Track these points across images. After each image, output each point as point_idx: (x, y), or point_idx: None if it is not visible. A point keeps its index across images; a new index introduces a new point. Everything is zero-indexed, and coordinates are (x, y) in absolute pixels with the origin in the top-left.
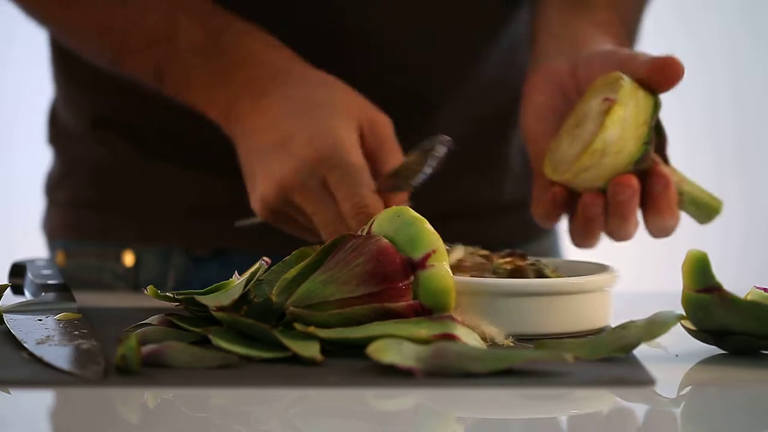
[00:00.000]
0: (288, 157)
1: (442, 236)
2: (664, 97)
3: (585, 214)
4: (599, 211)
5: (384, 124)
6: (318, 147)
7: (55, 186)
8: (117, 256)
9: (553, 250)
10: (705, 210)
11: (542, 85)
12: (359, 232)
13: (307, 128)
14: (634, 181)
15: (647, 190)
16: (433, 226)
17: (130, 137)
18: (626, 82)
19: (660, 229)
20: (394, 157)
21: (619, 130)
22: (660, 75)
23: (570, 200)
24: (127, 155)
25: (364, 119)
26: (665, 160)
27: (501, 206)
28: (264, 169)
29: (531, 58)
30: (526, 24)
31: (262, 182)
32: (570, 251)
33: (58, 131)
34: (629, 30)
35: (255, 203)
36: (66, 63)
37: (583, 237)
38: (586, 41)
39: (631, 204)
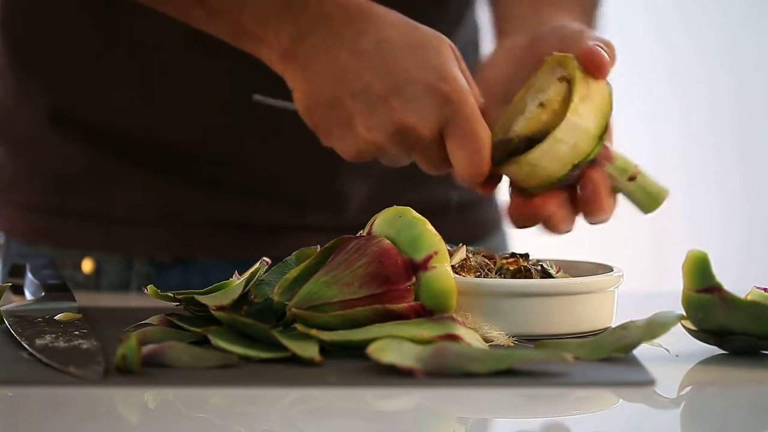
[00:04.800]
0: (409, 102)
1: None
2: (664, 97)
3: (544, 216)
4: (558, 210)
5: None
6: (442, 91)
7: (7, 186)
8: (76, 263)
9: (501, 248)
10: (650, 200)
11: (500, 62)
12: (359, 233)
13: (424, 72)
14: (598, 175)
15: (579, 190)
16: None
17: (92, 141)
18: (577, 72)
19: (592, 223)
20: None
21: (578, 124)
22: (589, 64)
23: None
24: (90, 160)
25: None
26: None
27: (451, 206)
28: (373, 111)
29: (494, 40)
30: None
31: (368, 122)
32: (517, 248)
33: (7, 129)
34: (588, 15)
35: (349, 147)
36: (24, 54)
37: (548, 231)
38: (548, 20)
39: (601, 193)
